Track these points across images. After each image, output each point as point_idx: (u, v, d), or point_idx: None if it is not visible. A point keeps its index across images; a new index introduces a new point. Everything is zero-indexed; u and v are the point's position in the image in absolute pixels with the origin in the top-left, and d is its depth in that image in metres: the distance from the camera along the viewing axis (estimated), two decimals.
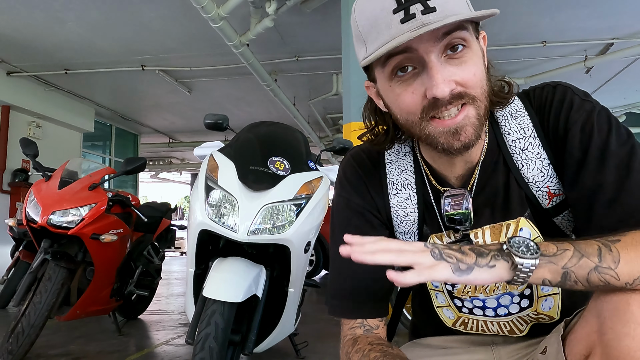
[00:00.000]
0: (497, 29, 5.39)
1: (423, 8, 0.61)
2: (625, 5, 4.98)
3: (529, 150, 0.74)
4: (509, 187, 0.75)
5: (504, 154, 0.76)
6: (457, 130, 0.66)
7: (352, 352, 0.76)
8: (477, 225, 0.77)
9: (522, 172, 0.74)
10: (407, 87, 0.67)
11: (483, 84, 0.67)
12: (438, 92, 0.62)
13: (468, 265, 0.56)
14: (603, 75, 7.12)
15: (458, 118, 0.66)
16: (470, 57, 0.65)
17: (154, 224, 3.41)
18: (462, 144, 0.67)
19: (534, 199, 0.75)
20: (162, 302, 4.59)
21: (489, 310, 0.79)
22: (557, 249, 0.57)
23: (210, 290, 1.66)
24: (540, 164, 0.74)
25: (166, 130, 10.94)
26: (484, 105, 0.68)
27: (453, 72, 0.64)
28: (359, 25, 0.68)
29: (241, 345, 1.79)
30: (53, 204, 2.46)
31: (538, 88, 0.77)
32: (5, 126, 6.87)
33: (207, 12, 4.18)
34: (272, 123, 2.23)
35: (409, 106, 0.67)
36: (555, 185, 0.74)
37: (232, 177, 1.83)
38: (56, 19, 5.14)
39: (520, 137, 0.75)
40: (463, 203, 0.75)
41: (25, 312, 2.34)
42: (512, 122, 0.76)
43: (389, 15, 0.63)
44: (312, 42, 5.73)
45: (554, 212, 0.75)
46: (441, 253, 0.57)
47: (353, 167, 0.87)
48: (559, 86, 0.74)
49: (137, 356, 2.56)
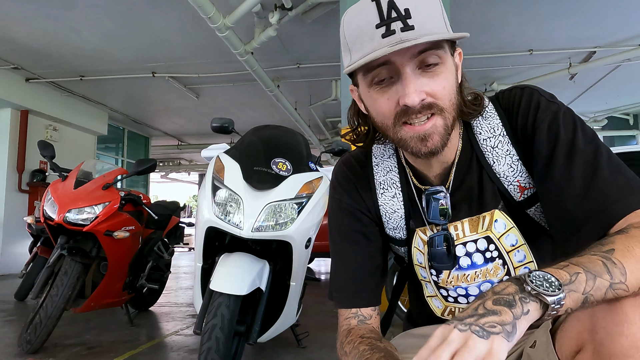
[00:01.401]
0: (486, 38, 5.39)
1: (403, 25, 0.64)
2: (607, 16, 4.98)
3: (499, 147, 0.76)
4: (482, 182, 0.77)
5: (477, 152, 0.78)
6: (425, 137, 0.68)
7: (345, 343, 0.77)
8: (456, 218, 0.78)
9: (493, 168, 0.76)
10: (384, 94, 0.69)
11: (452, 97, 0.69)
12: (409, 100, 0.65)
13: (512, 325, 0.49)
14: (586, 81, 7.12)
15: (427, 126, 0.68)
16: (443, 72, 0.67)
17: (163, 221, 3.40)
18: (428, 149, 0.70)
19: (506, 192, 0.76)
20: (171, 294, 4.58)
21: (472, 297, 0.80)
22: (569, 275, 0.52)
23: (217, 283, 1.66)
24: (510, 160, 0.75)
25: (175, 133, 10.94)
26: (451, 117, 0.70)
27: (425, 83, 0.66)
28: (346, 35, 0.70)
29: (246, 335, 1.79)
30: (69, 203, 2.46)
31: (507, 90, 0.79)
32: (24, 129, 6.87)
33: (214, 22, 4.18)
34: (275, 126, 2.23)
35: (384, 111, 0.70)
36: (525, 180, 0.75)
37: (237, 177, 1.83)
38: (72, 28, 5.14)
39: (490, 136, 0.77)
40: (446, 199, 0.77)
41: (42, 304, 2.34)
42: (483, 123, 0.78)
43: (372, 29, 0.65)
44: (312, 50, 5.73)
45: (526, 205, 0.76)
46: (482, 328, 0.48)
47: (344, 171, 0.89)
48: (527, 88, 0.76)
49: (148, 346, 2.56)
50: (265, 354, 2.38)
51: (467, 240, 0.78)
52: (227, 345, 1.57)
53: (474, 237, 0.77)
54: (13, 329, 2.91)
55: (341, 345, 0.79)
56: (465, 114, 0.75)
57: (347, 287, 0.84)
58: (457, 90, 0.71)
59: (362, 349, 0.71)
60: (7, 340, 2.63)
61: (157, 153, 12.61)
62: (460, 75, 0.74)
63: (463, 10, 4.72)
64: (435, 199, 0.78)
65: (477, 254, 0.77)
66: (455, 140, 0.78)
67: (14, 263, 6.41)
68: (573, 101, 8.07)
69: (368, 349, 0.70)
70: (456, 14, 4.60)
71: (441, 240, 0.78)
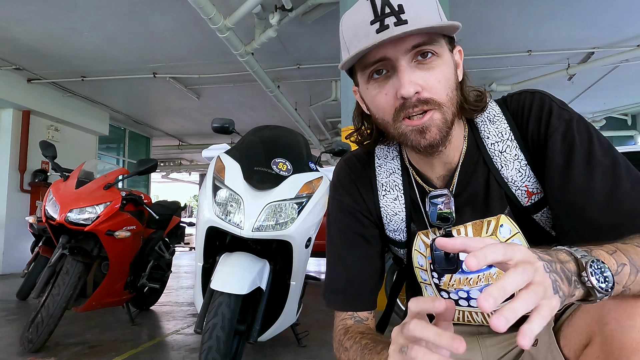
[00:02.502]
0: (486, 39, 5.39)
1: (396, 20, 0.64)
2: (606, 17, 4.98)
3: (507, 152, 0.75)
4: (489, 186, 0.76)
5: (483, 156, 0.77)
6: (423, 130, 0.68)
7: (344, 340, 0.77)
8: (460, 222, 0.77)
9: (501, 172, 0.75)
10: (381, 89, 0.69)
11: (449, 91, 0.69)
12: (404, 91, 0.65)
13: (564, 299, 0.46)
14: (584, 82, 7.12)
15: (424, 119, 0.68)
16: (439, 65, 0.67)
17: (164, 221, 3.40)
18: (427, 142, 0.69)
19: (513, 197, 0.75)
20: (172, 294, 4.58)
21: (473, 301, 0.80)
22: (616, 266, 0.50)
23: (218, 283, 1.66)
24: (518, 164, 0.74)
25: (176, 134, 10.94)
26: (450, 112, 0.69)
27: (420, 75, 0.66)
28: (344, 35, 0.72)
29: (246, 334, 1.79)
30: (70, 203, 2.46)
31: (515, 94, 0.78)
32: (26, 130, 6.87)
33: (215, 24, 4.18)
34: (275, 127, 2.23)
35: (384, 106, 0.70)
36: (533, 185, 0.74)
37: (237, 177, 1.83)
38: (73, 29, 5.14)
39: (498, 140, 0.76)
40: (449, 203, 0.76)
41: (44, 303, 2.34)
42: (490, 127, 0.77)
43: (367, 26, 0.66)
44: (312, 51, 5.73)
45: (534, 210, 0.75)
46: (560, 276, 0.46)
47: (345, 171, 0.88)
48: (537, 93, 0.75)
49: (149, 345, 2.56)
50: (265, 353, 2.38)
51: None
52: (227, 344, 1.57)
53: None
54: (15, 328, 2.91)
55: (339, 342, 0.78)
56: (467, 111, 0.75)
57: (345, 290, 0.83)
58: (457, 87, 0.71)
59: (364, 342, 0.71)
60: (9, 339, 2.63)
61: (158, 153, 12.60)
62: (462, 73, 0.73)
63: (462, 11, 4.72)
64: (434, 204, 0.77)
65: None
66: (459, 142, 0.77)
67: (16, 262, 6.41)
68: (571, 102, 8.06)
69: (371, 342, 0.70)
70: (455, 14, 4.60)
71: None
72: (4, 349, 2.42)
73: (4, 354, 2.33)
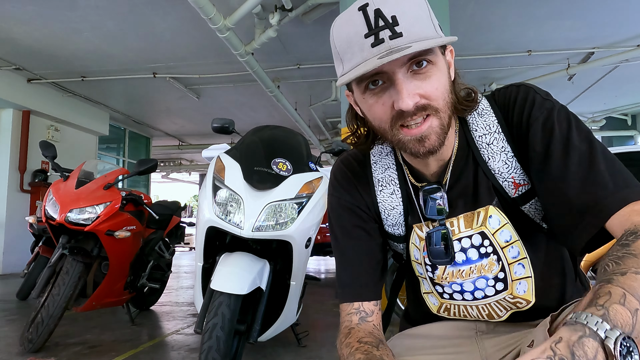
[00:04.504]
0: (485, 38, 5.39)
1: (391, 33, 0.64)
2: (606, 17, 4.98)
3: (494, 144, 0.76)
4: (478, 178, 0.78)
5: (472, 149, 0.78)
6: (423, 138, 0.69)
7: (344, 344, 0.78)
8: (453, 214, 0.79)
9: (488, 164, 0.77)
10: (378, 99, 0.69)
11: (445, 96, 0.69)
12: (403, 105, 0.65)
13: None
14: (584, 82, 7.12)
15: (423, 127, 0.68)
16: (434, 73, 0.68)
17: (164, 221, 3.41)
18: (427, 149, 0.70)
19: (500, 188, 0.76)
20: (172, 294, 4.58)
21: (467, 294, 0.81)
22: (631, 315, 0.46)
23: (218, 283, 1.66)
24: (504, 156, 0.76)
25: (176, 134, 10.94)
26: (446, 116, 0.70)
27: (418, 85, 0.67)
28: (337, 45, 0.71)
29: (246, 334, 1.79)
30: (70, 203, 2.46)
31: (502, 88, 0.79)
32: (26, 130, 6.88)
33: (215, 24, 4.18)
34: (275, 127, 2.23)
35: (381, 116, 0.71)
36: (520, 176, 0.76)
37: (237, 177, 1.83)
38: (73, 29, 5.14)
39: (486, 133, 0.77)
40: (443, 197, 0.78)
41: (44, 303, 2.34)
42: (479, 120, 0.78)
43: (361, 39, 0.66)
44: (312, 51, 5.73)
45: (521, 201, 0.76)
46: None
47: (342, 170, 0.90)
48: (522, 86, 0.76)
49: (149, 345, 2.56)
50: (265, 353, 2.38)
51: (462, 236, 0.78)
52: (227, 344, 1.57)
53: (468, 233, 0.78)
54: (15, 328, 2.91)
55: (340, 344, 0.79)
56: (459, 110, 0.76)
57: (350, 282, 0.85)
58: (451, 89, 0.72)
59: (357, 357, 0.71)
60: (9, 339, 2.64)
61: (158, 153, 12.61)
62: (454, 73, 0.74)
63: (462, 11, 4.72)
64: (433, 199, 0.78)
65: (472, 250, 0.78)
66: (451, 138, 0.78)
67: (16, 262, 6.41)
68: (571, 102, 8.07)
69: (364, 358, 0.70)
70: (455, 14, 4.60)
71: (439, 236, 0.78)
72: (5, 349, 2.43)
73: (4, 354, 2.33)
